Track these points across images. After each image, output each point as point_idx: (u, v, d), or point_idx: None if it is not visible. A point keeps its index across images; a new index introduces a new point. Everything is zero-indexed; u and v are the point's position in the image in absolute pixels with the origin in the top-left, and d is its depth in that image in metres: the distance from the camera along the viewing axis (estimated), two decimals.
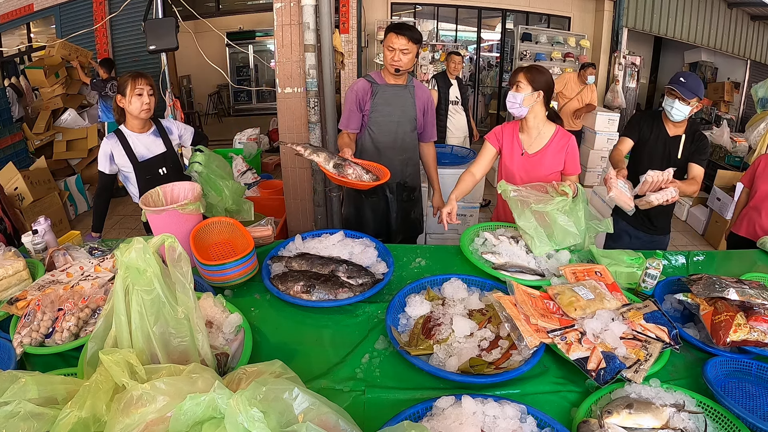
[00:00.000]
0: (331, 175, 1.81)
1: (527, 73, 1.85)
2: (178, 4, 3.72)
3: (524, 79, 1.85)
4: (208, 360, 1.05)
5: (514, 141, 2.01)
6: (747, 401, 1.15)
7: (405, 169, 2.31)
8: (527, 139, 1.98)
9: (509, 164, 2.02)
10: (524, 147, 1.98)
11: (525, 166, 1.98)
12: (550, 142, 1.94)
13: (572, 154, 1.94)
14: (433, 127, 2.37)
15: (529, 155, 1.97)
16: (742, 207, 2.64)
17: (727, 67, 6.73)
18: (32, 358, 1.22)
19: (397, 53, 2.05)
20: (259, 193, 3.77)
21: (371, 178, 1.83)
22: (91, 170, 4.91)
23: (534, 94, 1.86)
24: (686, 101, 2.00)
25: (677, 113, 2.04)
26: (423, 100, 2.27)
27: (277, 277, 1.52)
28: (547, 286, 1.46)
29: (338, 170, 1.79)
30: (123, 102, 1.97)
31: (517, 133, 2.01)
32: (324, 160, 1.80)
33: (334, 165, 1.79)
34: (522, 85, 1.86)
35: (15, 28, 6.39)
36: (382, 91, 2.18)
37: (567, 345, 1.19)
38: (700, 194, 4.79)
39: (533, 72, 1.85)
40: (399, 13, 7.21)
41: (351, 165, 1.81)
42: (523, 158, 1.98)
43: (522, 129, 2.00)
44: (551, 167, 1.95)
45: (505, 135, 2.03)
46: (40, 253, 1.71)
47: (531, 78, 1.84)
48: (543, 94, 1.88)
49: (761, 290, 1.33)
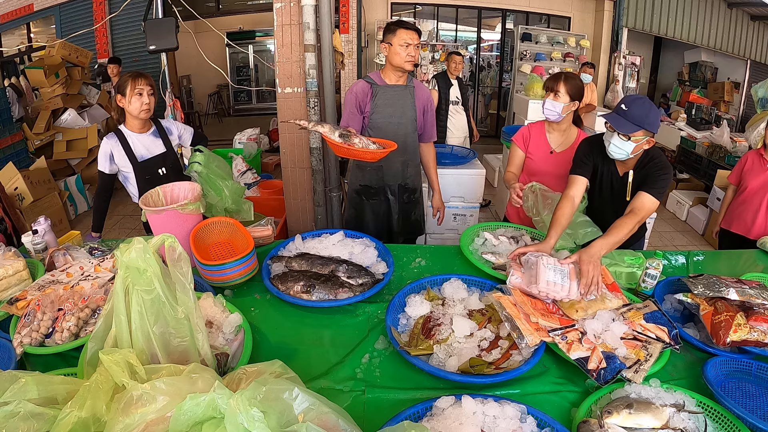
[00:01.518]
0: (338, 146, 1.75)
1: (566, 84, 1.99)
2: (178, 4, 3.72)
3: (563, 89, 1.99)
4: (208, 360, 1.05)
5: (541, 141, 2.15)
6: (747, 401, 1.15)
7: (406, 170, 2.31)
8: (556, 139, 2.13)
9: (537, 161, 2.15)
10: (552, 146, 2.13)
11: (552, 163, 2.11)
12: (576, 142, 2.06)
13: None
14: (433, 127, 2.37)
15: (558, 153, 2.11)
16: (728, 203, 2.68)
17: (727, 67, 6.73)
18: (32, 358, 1.22)
19: (412, 48, 2.06)
20: (259, 193, 3.76)
21: (378, 147, 1.79)
22: (91, 170, 4.91)
23: (571, 103, 2.02)
24: (625, 136, 1.58)
25: (616, 151, 1.63)
26: (423, 100, 2.27)
27: (277, 277, 1.52)
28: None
29: (344, 139, 1.75)
30: (123, 102, 1.97)
31: (544, 133, 2.15)
32: (329, 131, 1.76)
33: (339, 135, 1.75)
34: (561, 95, 1.99)
35: (15, 28, 6.39)
36: (383, 92, 2.17)
37: (568, 344, 1.19)
38: (700, 194, 4.79)
39: (571, 83, 1.99)
40: (399, 13, 7.22)
41: (357, 135, 1.78)
42: (552, 156, 2.12)
43: (551, 130, 2.14)
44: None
45: (533, 136, 2.17)
46: (40, 253, 1.71)
47: (570, 89, 1.99)
48: (578, 104, 2.04)
49: (761, 290, 1.33)
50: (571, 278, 1.27)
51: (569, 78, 2.00)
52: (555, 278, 1.26)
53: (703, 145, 5.06)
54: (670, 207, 5.04)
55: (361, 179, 2.30)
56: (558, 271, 1.30)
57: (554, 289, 1.25)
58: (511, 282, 1.38)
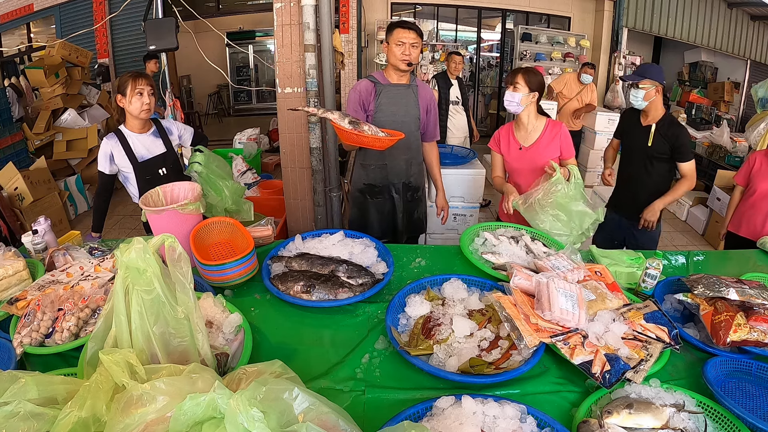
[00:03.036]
0: (347, 133, 1.78)
1: (524, 75, 2.05)
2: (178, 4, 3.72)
3: (522, 80, 2.04)
4: (208, 360, 1.05)
5: (510, 139, 2.22)
6: (747, 401, 1.15)
7: (410, 168, 2.32)
8: (523, 134, 2.18)
9: (511, 160, 2.22)
10: (521, 142, 2.18)
11: (524, 158, 2.16)
12: (543, 133, 2.13)
13: (565, 140, 2.12)
14: (436, 126, 2.37)
15: (526, 148, 2.16)
16: (735, 205, 2.60)
17: (727, 67, 6.72)
18: (32, 358, 1.22)
19: (407, 47, 2.06)
20: (259, 193, 3.76)
21: (387, 135, 1.83)
22: (91, 170, 4.91)
23: (530, 94, 2.07)
24: (636, 85, 2.25)
25: (634, 99, 2.29)
26: (426, 99, 2.28)
27: (277, 277, 1.52)
28: None
29: (354, 126, 1.77)
30: (123, 102, 1.97)
31: (512, 131, 2.22)
32: (339, 117, 1.79)
33: (349, 121, 1.77)
34: (519, 86, 2.05)
35: (15, 28, 6.39)
36: (386, 91, 2.18)
37: (570, 349, 1.18)
38: (700, 194, 4.79)
39: (530, 74, 2.05)
40: (399, 13, 7.21)
41: (366, 122, 1.81)
42: (521, 152, 2.17)
43: (517, 127, 2.20)
44: (548, 155, 2.09)
45: (502, 136, 2.25)
46: (40, 253, 1.71)
47: (528, 80, 2.04)
48: (538, 95, 2.09)
49: (761, 290, 1.33)
50: (580, 306, 1.27)
51: (528, 71, 2.07)
52: (567, 305, 1.25)
53: (703, 145, 5.06)
54: (669, 207, 5.03)
55: (365, 178, 2.31)
56: (569, 296, 1.28)
57: (566, 317, 1.23)
58: (515, 283, 1.38)
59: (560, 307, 1.23)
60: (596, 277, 1.49)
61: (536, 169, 2.08)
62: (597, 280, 1.46)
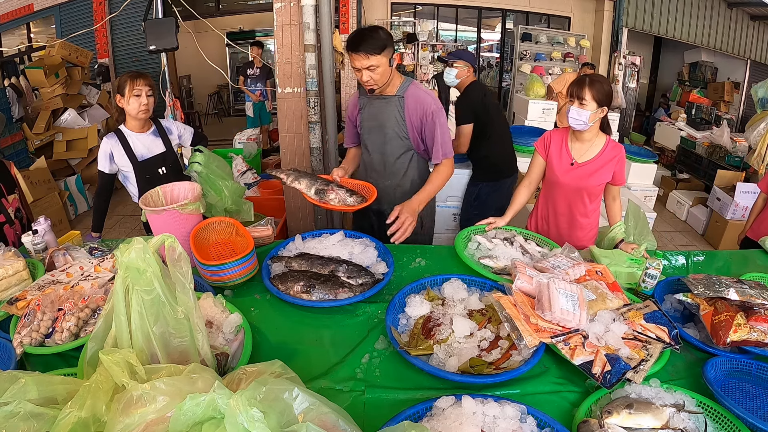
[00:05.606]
0: (315, 202, 1.74)
1: (592, 89, 1.77)
2: (178, 4, 3.72)
3: (589, 95, 1.77)
4: (208, 360, 1.05)
5: (563, 149, 1.95)
6: (747, 401, 1.15)
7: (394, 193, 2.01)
8: (578, 148, 1.93)
9: (557, 173, 1.95)
10: (574, 156, 1.92)
11: (572, 175, 1.93)
12: (601, 152, 1.89)
13: (621, 166, 1.89)
14: (443, 145, 1.91)
15: (579, 165, 1.91)
16: (758, 212, 2.53)
17: (727, 67, 6.73)
18: (32, 358, 1.22)
19: (364, 73, 1.77)
20: (259, 193, 3.76)
21: (356, 201, 1.71)
22: (91, 170, 4.91)
23: (599, 110, 1.81)
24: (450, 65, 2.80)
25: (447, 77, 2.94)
26: (419, 112, 1.87)
27: (277, 277, 1.52)
28: None
29: (320, 197, 1.71)
30: (122, 102, 1.97)
31: (566, 141, 1.95)
32: (306, 187, 1.75)
33: (315, 191, 1.72)
34: (587, 102, 1.78)
35: (15, 28, 6.39)
36: (369, 104, 1.95)
37: (571, 350, 1.18)
38: (700, 194, 4.79)
39: (598, 87, 1.78)
40: (399, 13, 7.22)
41: (334, 189, 1.72)
42: (572, 168, 1.92)
43: (573, 138, 1.94)
44: (600, 178, 1.90)
45: (553, 142, 1.97)
46: (40, 253, 1.71)
47: (596, 95, 1.77)
48: (606, 109, 1.83)
49: (761, 290, 1.33)
50: (581, 307, 1.27)
51: (595, 82, 1.78)
52: (567, 306, 1.25)
53: (703, 145, 5.06)
54: (670, 207, 5.04)
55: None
56: (569, 297, 1.28)
57: (566, 318, 1.23)
58: (517, 286, 1.36)
59: (561, 308, 1.23)
60: (597, 277, 1.49)
61: (581, 189, 1.91)
62: (597, 280, 1.46)
